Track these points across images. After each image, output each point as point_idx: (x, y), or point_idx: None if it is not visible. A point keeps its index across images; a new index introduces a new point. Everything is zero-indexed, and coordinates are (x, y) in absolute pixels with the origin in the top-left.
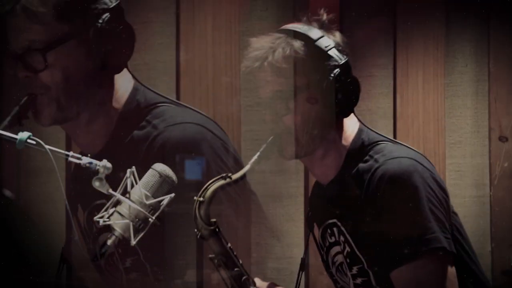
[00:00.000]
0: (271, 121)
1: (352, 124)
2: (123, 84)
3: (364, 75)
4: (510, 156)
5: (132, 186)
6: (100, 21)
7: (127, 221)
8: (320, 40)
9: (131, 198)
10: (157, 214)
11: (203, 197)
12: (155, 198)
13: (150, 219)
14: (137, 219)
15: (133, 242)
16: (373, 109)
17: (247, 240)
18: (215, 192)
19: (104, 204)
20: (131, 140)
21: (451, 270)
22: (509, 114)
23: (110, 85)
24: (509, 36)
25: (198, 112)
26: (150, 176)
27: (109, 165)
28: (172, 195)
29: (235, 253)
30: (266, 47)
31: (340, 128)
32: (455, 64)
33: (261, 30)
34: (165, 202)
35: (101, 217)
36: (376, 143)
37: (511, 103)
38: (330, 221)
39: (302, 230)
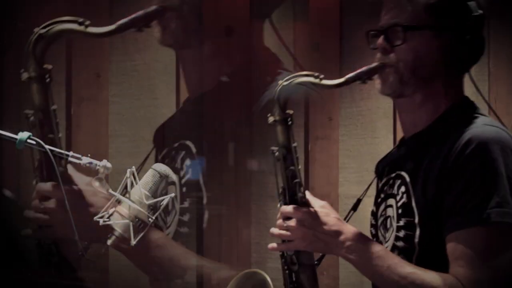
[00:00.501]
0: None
1: (460, 87)
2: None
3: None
4: None
5: (132, 186)
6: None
7: (127, 221)
8: None
9: (131, 198)
10: (157, 214)
11: (289, 83)
12: (155, 198)
13: (150, 219)
14: (137, 219)
15: (133, 242)
16: (373, 109)
17: (247, 240)
18: (301, 84)
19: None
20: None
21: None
22: (509, 114)
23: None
24: (509, 36)
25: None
26: (150, 176)
27: (109, 165)
28: (172, 195)
29: (297, 155)
30: None
31: (448, 83)
32: None
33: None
34: (165, 202)
35: (101, 217)
36: (477, 111)
37: (511, 103)
38: (398, 172)
39: None
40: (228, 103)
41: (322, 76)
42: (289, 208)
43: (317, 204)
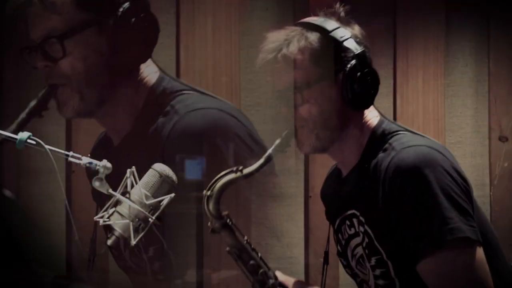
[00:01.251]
0: (283, 116)
1: (373, 115)
2: (149, 73)
3: None
4: (510, 156)
5: (132, 186)
6: (121, 9)
7: (127, 221)
8: (335, 31)
9: (131, 198)
10: (157, 214)
11: (212, 191)
12: (155, 198)
13: (150, 219)
14: (137, 219)
15: (133, 242)
16: None
17: None
18: (224, 186)
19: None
20: (156, 126)
21: (480, 259)
22: (509, 114)
23: (135, 75)
24: (509, 36)
25: (224, 101)
26: (150, 176)
27: (109, 165)
28: (172, 195)
29: (251, 246)
30: (281, 39)
31: (360, 119)
32: (455, 64)
33: (261, 30)
34: (165, 202)
35: (101, 217)
36: (395, 132)
37: (511, 103)
38: (350, 212)
39: (302, 230)
40: None
41: (241, 167)
42: None
43: (292, 283)
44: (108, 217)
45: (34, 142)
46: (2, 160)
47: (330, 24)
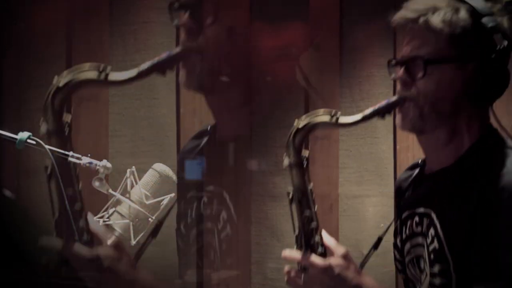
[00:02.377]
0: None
1: (485, 119)
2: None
3: (364, 75)
4: None
5: (132, 186)
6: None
7: (127, 221)
8: (487, 17)
9: (131, 198)
10: (157, 214)
11: (304, 126)
12: (155, 198)
13: (150, 219)
14: (137, 219)
15: (133, 242)
16: None
17: (247, 240)
18: (316, 126)
19: None
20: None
21: None
22: (509, 114)
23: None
24: None
25: None
26: (150, 176)
27: (109, 165)
28: (172, 195)
29: (313, 197)
30: (430, 4)
31: (473, 117)
32: None
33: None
34: (165, 202)
35: (101, 217)
36: (506, 147)
37: (511, 103)
38: (423, 210)
39: None
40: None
41: (338, 114)
42: (308, 260)
43: (338, 253)
44: (108, 217)
45: (34, 142)
46: (2, 160)
47: (485, 7)
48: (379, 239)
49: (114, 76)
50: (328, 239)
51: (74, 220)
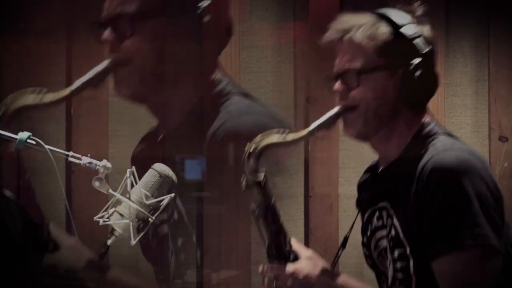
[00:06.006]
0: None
1: (423, 115)
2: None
3: None
4: (510, 156)
5: (132, 186)
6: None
7: (127, 221)
8: (407, 26)
9: (131, 198)
10: (157, 214)
11: (255, 149)
12: (155, 198)
13: (150, 219)
14: (137, 219)
15: (133, 242)
16: None
17: (247, 240)
18: (267, 147)
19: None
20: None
21: (497, 271)
22: (509, 114)
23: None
24: (509, 36)
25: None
26: (150, 176)
27: (109, 165)
28: (172, 195)
29: (277, 210)
30: (352, 22)
31: (410, 116)
32: (455, 64)
33: (261, 30)
34: (165, 202)
35: (101, 217)
36: (440, 134)
37: (511, 103)
38: (381, 204)
39: (302, 230)
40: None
41: (287, 131)
42: (274, 270)
43: (304, 255)
44: (108, 217)
45: (34, 142)
46: (2, 160)
47: (402, 19)
48: (346, 239)
49: (49, 96)
50: (296, 245)
51: None
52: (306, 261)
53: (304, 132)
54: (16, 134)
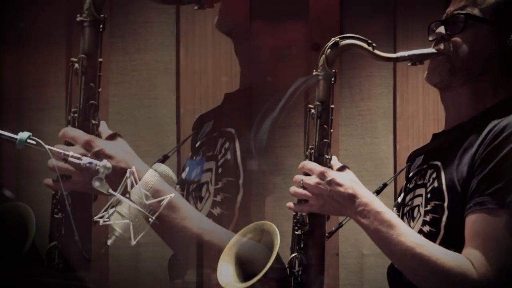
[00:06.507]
0: None
1: (511, 86)
2: None
3: (364, 75)
4: None
5: (132, 186)
6: None
7: (127, 221)
8: None
9: (131, 198)
10: (157, 214)
11: (340, 42)
12: (155, 198)
13: (150, 219)
14: (137, 219)
15: (133, 242)
16: (373, 109)
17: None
18: (352, 46)
19: None
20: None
21: None
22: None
23: (509, 81)
24: None
25: None
26: (150, 176)
27: (109, 165)
28: (172, 195)
29: (332, 117)
30: None
31: (499, 81)
32: None
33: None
34: (165, 202)
35: (101, 217)
36: None
37: None
38: (432, 162)
39: None
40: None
41: (374, 44)
42: (310, 165)
43: (338, 167)
44: (108, 217)
45: (34, 142)
46: (2, 160)
47: None
48: (385, 185)
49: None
50: (335, 161)
51: None
52: (339, 171)
53: (392, 55)
54: (16, 134)
